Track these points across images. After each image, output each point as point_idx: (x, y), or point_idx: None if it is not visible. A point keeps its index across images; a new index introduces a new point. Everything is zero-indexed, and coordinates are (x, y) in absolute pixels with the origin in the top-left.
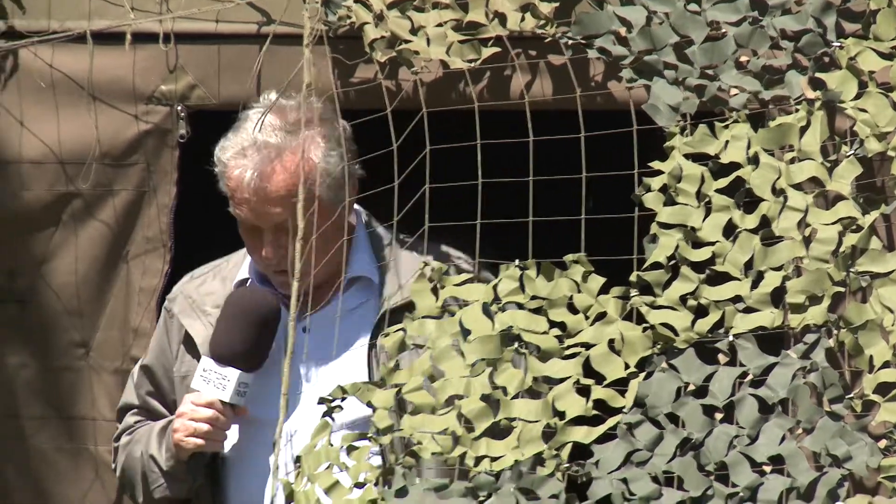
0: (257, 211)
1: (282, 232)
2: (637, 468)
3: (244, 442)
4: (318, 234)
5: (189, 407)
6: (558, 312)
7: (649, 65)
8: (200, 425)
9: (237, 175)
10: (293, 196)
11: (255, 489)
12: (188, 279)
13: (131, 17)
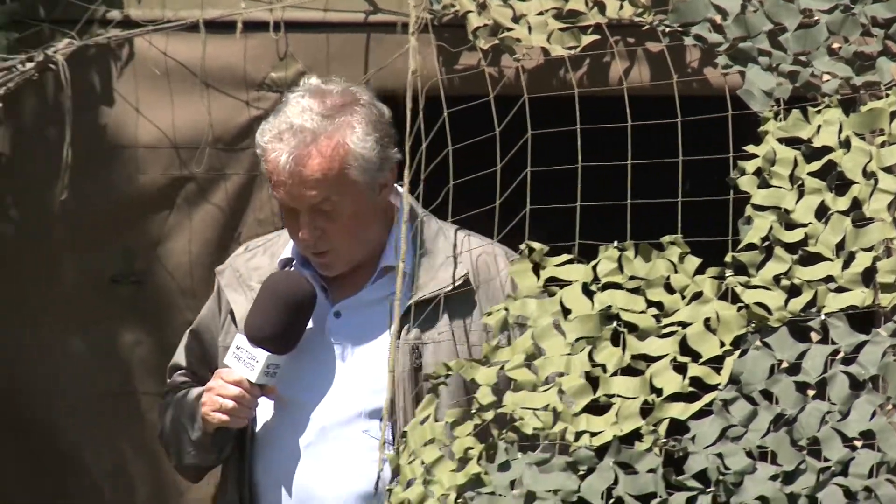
0: (293, 193)
1: (318, 214)
2: (732, 443)
3: (273, 421)
4: (355, 217)
5: (218, 383)
6: (656, 292)
7: (744, 52)
8: (226, 402)
9: (274, 158)
10: (328, 179)
11: (282, 468)
12: (242, 250)
13: (242, 6)
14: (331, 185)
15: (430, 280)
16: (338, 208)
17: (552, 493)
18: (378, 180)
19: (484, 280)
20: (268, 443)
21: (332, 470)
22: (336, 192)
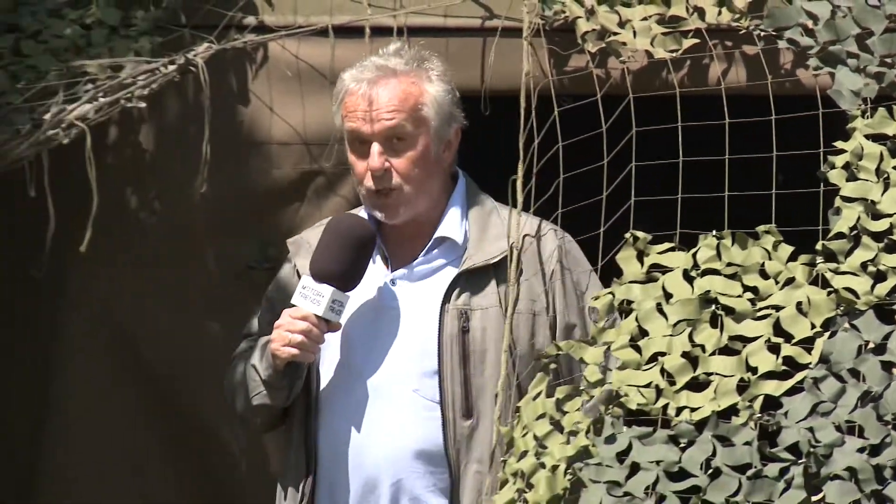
0: (369, 118)
1: (389, 147)
2: (822, 418)
3: (331, 385)
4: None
5: (286, 319)
6: (751, 278)
7: (833, 54)
8: (295, 336)
9: (354, 88)
10: (404, 109)
11: (339, 430)
12: (315, 226)
13: (368, 12)
14: (406, 115)
15: (477, 251)
16: (408, 142)
17: (655, 463)
18: (445, 134)
19: (531, 251)
20: (326, 406)
21: (385, 429)
22: (410, 123)
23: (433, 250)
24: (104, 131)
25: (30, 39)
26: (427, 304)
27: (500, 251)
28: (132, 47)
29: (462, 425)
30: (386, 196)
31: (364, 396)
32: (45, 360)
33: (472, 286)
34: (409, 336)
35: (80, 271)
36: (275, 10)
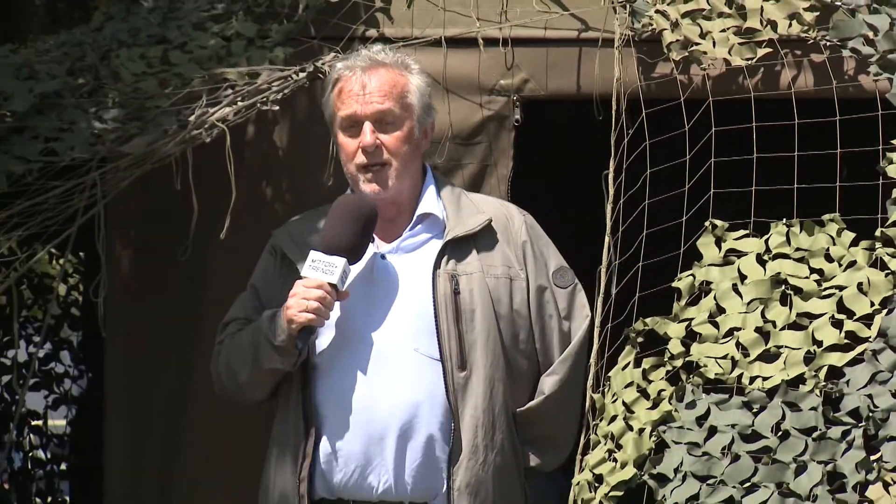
0: (363, 101)
1: (380, 125)
2: (880, 386)
3: (332, 349)
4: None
5: (300, 289)
6: (817, 261)
7: (892, 61)
8: (311, 302)
9: (348, 75)
10: (393, 94)
11: (344, 388)
12: (296, 219)
13: (477, 25)
14: (395, 99)
15: (458, 224)
16: (396, 124)
17: (730, 426)
18: (424, 123)
19: (503, 226)
20: (328, 368)
21: (391, 385)
22: (398, 107)
23: (417, 226)
24: (242, 131)
25: (177, 50)
26: (419, 272)
27: (479, 223)
28: (267, 57)
29: (458, 376)
30: (377, 171)
31: (367, 358)
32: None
33: (457, 254)
34: (406, 301)
35: (220, 259)
36: (394, 24)
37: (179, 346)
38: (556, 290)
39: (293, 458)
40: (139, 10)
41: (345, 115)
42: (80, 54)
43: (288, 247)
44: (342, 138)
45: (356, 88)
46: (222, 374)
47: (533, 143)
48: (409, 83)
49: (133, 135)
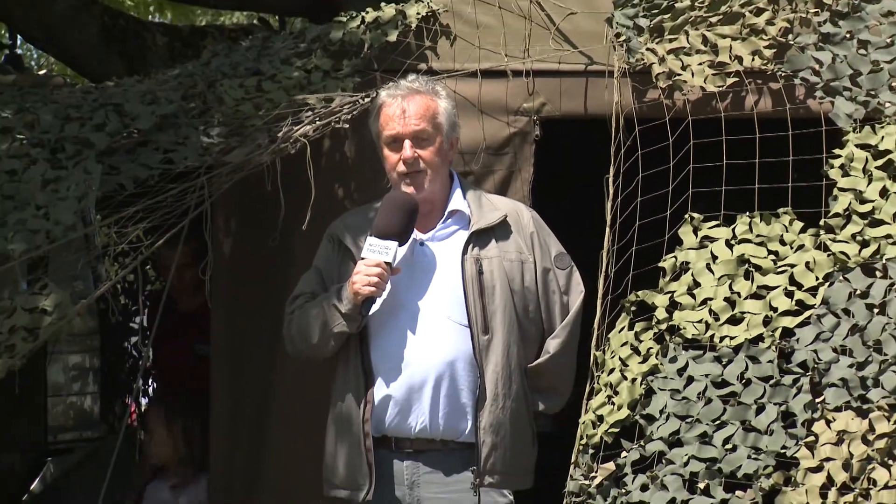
0: (403, 122)
1: (416, 142)
2: (823, 343)
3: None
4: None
5: (363, 267)
6: (774, 245)
7: (834, 88)
8: (372, 278)
9: (390, 101)
10: (426, 117)
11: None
12: (347, 214)
13: (505, 60)
14: (427, 120)
15: (480, 219)
16: (429, 140)
17: (704, 376)
18: (451, 137)
19: (515, 220)
20: (380, 332)
21: (427, 345)
22: (430, 126)
23: (448, 220)
24: (319, 144)
25: (268, 80)
26: (450, 256)
27: (497, 218)
28: (339, 85)
29: (483, 339)
30: (415, 176)
31: (410, 324)
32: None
33: (480, 242)
34: (440, 279)
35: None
36: (439, 59)
37: (271, 313)
38: (557, 270)
39: (357, 404)
40: (239, 48)
41: (388, 134)
42: (191, 83)
43: (343, 235)
44: (386, 152)
45: (397, 112)
46: (295, 338)
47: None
48: (439, 107)
49: (233, 147)
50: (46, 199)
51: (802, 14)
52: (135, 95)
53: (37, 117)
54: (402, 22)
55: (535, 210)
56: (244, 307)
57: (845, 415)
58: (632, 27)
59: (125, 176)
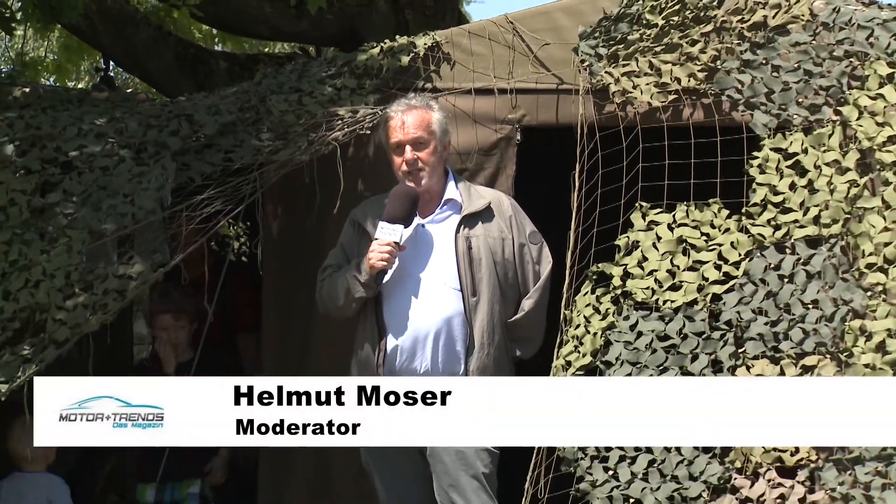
0: (404, 131)
1: (416, 146)
2: (744, 306)
3: (393, 284)
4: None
5: (376, 245)
6: (706, 228)
7: (752, 103)
8: (384, 253)
9: (393, 115)
10: (422, 125)
11: (399, 308)
12: (365, 202)
13: (493, 81)
14: (424, 128)
15: (470, 204)
16: (426, 143)
17: (651, 331)
18: (444, 141)
19: (497, 206)
20: (391, 296)
21: (428, 305)
22: (426, 133)
23: (443, 207)
24: (347, 147)
25: (307, 96)
26: (445, 235)
27: (483, 205)
28: (363, 100)
29: (472, 300)
30: (415, 173)
31: (413, 289)
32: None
33: (470, 224)
34: (438, 253)
35: (333, 227)
36: (442, 80)
37: (308, 279)
38: (531, 245)
39: (373, 351)
40: (284, 71)
41: (393, 141)
42: (247, 98)
43: (362, 220)
44: (393, 156)
45: (399, 124)
46: (324, 300)
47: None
48: (433, 118)
49: (279, 149)
50: (132, 189)
51: (728, 45)
52: (202, 108)
53: (125, 125)
54: (413, 50)
55: (514, 199)
56: (288, 275)
57: (761, 362)
58: (593, 55)
59: (194, 171)
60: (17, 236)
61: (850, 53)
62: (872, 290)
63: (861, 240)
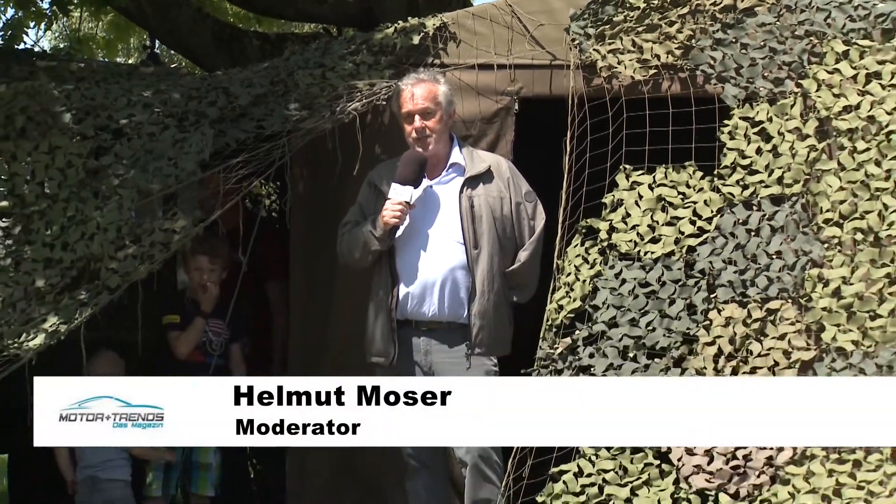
0: (414, 102)
1: (424, 116)
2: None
3: (405, 238)
4: (440, 122)
5: (389, 204)
6: (682, 188)
7: (723, 77)
8: (396, 212)
9: (404, 88)
10: (430, 97)
11: (410, 260)
12: (380, 164)
13: (494, 57)
14: (431, 100)
15: (472, 167)
16: (432, 113)
17: (633, 279)
18: (449, 110)
19: (496, 169)
20: (402, 249)
21: (435, 256)
22: (433, 104)
23: (449, 170)
24: (365, 116)
25: (330, 71)
26: (451, 195)
27: (484, 168)
28: (379, 75)
29: (473, 252)
30: (423, 140)
31: (422, 243)
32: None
33: (472, 185)
34: (444, 211)
35: (353, 187)
36: (449, 56)
37: (331, 233)
38: (526, 203)
39: (386, 297)
40: (309, 49)
41: (404, 112)
42: (276, 73)
43: (377, 181)
44: (403, 124)
45: (409, 96)
46: (344, 253)
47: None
48: (439, 90)
49: (305, 118)
50: (175, 153)
51: (702, 25)
52: (237, 81)
53: (169, 96)
54: (423, 30)
55: (512, 162)
56: (312, 229)
57: (731, 306)
58: (583, 34)
59: (230, 137)
60: (74, 195)
61: (809, 33)
62: (829, 243)
63: (819, 198)
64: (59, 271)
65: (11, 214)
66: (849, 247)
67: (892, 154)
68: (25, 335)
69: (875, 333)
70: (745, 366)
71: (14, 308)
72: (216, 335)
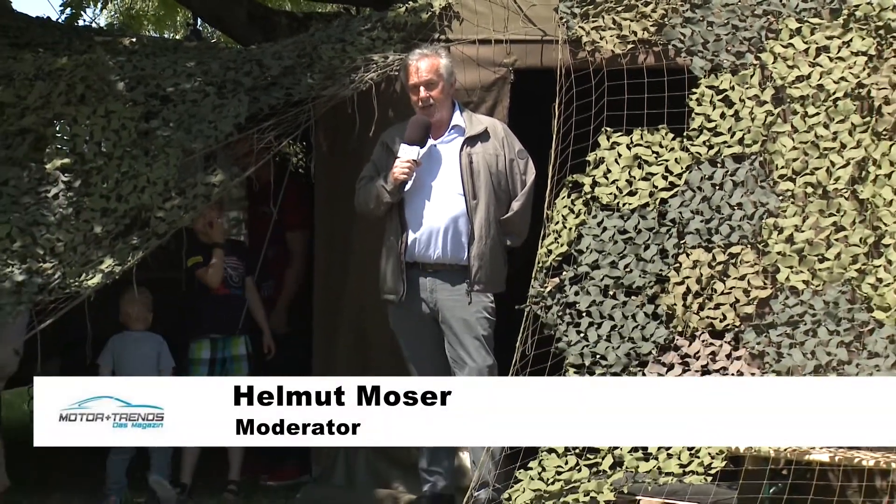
0: (419, 75)
1: (427, 86)
2: (685, 208)
3: (412, 192)
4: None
5: (399, 162)
6: (656, 147)
7: (692, 50)
8: (405, 169)
9: (411, 62)
10: (433, 70)
11: (417, 209)
12: (391, 127)
13: (493, 33)
14: (433, 73)
15: (471, 129)
16: (435, 84)
17: (613, 227)
18: (450, 81)
19: (492, 130)
20: (411, 200)
21: (438, 206)
22: (435, 76)
23: (451, 131)
24: (380, 85)
25: (350, 45)
26: (452, 153)
27: (482, 129)
28: (392, 49)
29: (472, 202)
30: (428, 107)
31: (427, 195)
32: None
33: (471, 144)
34: (446, 167)
35: (369, 146)
36: (453, 32)
37: (350, 187)
38: (519, 160)
39: (396, 242)
40: (331, 26)
41: (411, 83)
42: (303, 46)
43: (390, 142)
44: (410, 94)
45: (414, 69)
46: (360, 204)
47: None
48: (441, 63)
49: (328, 86)
50: (215, 117)
51: (674, 5)
52: (269, 54)
53: (209, 67)
54: (430, 9)
55: (507, 125)
56: (334, 184)
57: (698, 251)
58: (570, 13)
59: (263, 103)
60: (127, 153)
61: (767, 12)
62: (783, 195)
63: (775, 157)
64: (114, 219)
65: (73, 170)
66: (800, 199)
67: (838, 118)
68: (85, 275)
69: (823, 274)
70: (710, 302)
71: (75, 251)
72: (234, 269)
